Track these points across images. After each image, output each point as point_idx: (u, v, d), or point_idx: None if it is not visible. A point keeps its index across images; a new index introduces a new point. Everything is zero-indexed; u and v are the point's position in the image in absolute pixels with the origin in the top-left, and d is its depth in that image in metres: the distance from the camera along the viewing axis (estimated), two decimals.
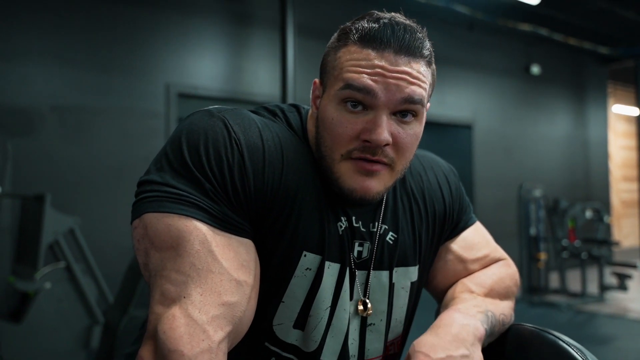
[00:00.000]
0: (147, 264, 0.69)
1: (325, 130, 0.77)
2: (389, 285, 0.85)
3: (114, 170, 4.06)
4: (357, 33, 0.75)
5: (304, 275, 0.78)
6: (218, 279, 0.67)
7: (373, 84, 0.73)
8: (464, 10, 5.78)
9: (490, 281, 0.92)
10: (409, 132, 0.77)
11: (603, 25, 6.90)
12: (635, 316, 4.93)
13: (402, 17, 0.78)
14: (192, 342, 0.63)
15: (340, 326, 0.81)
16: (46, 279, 2.91)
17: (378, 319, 0.85)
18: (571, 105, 8.00)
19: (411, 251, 0.88)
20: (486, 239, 0.99)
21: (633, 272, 6.15)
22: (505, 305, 0.90)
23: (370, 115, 0.74)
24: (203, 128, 0.73)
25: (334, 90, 0.76)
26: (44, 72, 3.84)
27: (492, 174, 6.79)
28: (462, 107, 6.57)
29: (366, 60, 0.73)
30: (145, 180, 0.72)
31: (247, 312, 0.70)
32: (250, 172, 0.72)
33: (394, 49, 0.73)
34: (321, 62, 0.82)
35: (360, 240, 0.83)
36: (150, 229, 0.68)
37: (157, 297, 0.67)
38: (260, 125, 0.77)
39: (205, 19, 4.62)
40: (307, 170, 0.79)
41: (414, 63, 0.75)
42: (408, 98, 0.74)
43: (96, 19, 4.07)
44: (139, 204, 0.71)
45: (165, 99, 4.34)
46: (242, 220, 0.73)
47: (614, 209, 8.74)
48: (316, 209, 0.78)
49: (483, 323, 0.81)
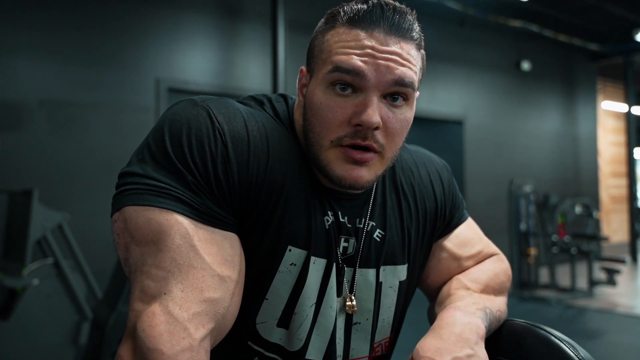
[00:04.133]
0: (127, 259, 0.67)
1: (314, 116, 0.74)
2: (376, 284, 0.83)
3: (103, 165, 4.02)
4: (345, 15, 0.73)
5: (288, 270, 0.75)
6: (200, 274, 0.64)
7: (362, 64, 0.70)
8: (455, 6, 5.79)
9: (485, 277, 0.90)
10: (400, 116, 0.74)
11: (592, 21, 6.94)
12: (623, 311, 4.98)
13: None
14: (172, 340, 0.60)
15: (326, 324, 0.79)
16: (34, 275, 2.88)
17: (364, 318, 0.82)
18: (561, 102, 8.05)
19: (399, 249, 0.86)
20: (479, 235, 0.98)
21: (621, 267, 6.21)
22: (500, 301, 0.90)
23: (360, 97, 0.72)
24: (186, 118, 0.71)
25: (322, 74, 0.73)
26: (32, 66, 3.79)
27: (483, 169, 6.82)
28: (452, 103, 6.58)
29: (355, 40, 0.71)
30: (126, 172, 0.70)
31: (231, 309, 0.68)
32: (235, 163, 0.70)
33: (383, 29, 0.71)
34: (308, 48, 0.79)
35: (346, 236, 0.80)
36: (130, 222, 0.66)
37: (136, 294, 0.64)
38: (245, 115, 0.74)
39: (196, 13, 4.58)
40: (294, 162, 0.76)
41: (404, 44, 0.72)
42: (399, 80, 0.71)
43: (86, 13, 4.02)
44: (119, 196, 0.68)
45: (156, 94, 4.30)
46: (225, 213, 0.70)
47: (602, 204, 8.81)
48: (303, 202, 0.76)
49: (483, 320, 0.80)
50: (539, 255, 5.83)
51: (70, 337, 2.98)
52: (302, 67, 0.81)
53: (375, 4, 0.72)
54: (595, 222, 6.47)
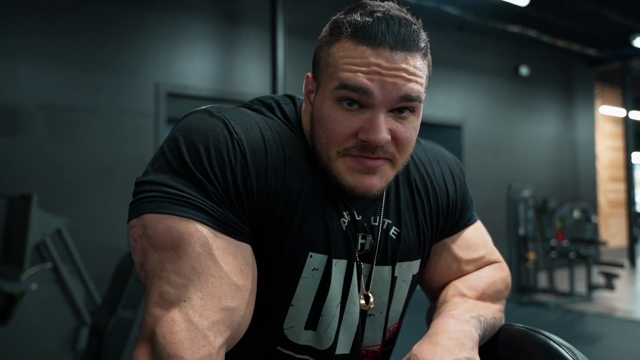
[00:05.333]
0: (144, 264, 0.67)
1: (321, 127, 0.75)
2: (391, 279, 0.85)
3: (102, 169, 4.02)
4: (350, 27, 0.72)
5: (311, 276, 0.77)
6: (218, 283, 0.66)
7: (369, 83, 0.70)
8: (454, 11, 5.81)
9: (482, 284, 0.91)
10: (408, 126, 0.75)
11: (591, 27, 6.97)
12: (622, 315, 4.98)
13: (395, 7, 0.75)
14: (193, 348, 0.61)
15: (352, 320, 0.81)
16: (32, 280, 2.88)
17: (378, 311, 0.85)
18: (559, 107, 8.07)
19: (415, 245, 0.87)
20: (484, 240, 0.98)
21: (620, 271, 6.21)
22: (496, 308, 0.90)
23: (367, 113, 0.72)
24: (203, 128, 0.71)
25: (329, 89, 0.73)
26: (32, 71, 3.79)
27: (482, 174, 6.82)
28: (451, 108, 6.59)
29: (361, 58, 0.70)
30: (143, 180, 0.70)
31: (245, 317, 0.69)
32: (254, 174, 0.71)
33: (389, 45, 0.70)
34: (314, 56, 0.79)
35: (363, 233, 0.82)
36: (149, 229, 0.67)
37: (154, 299, 0.65)
38: (261, 125, 0.75)
39: (195, 18, 4.60)
40: (308, 169, 0.77)
41: (410, 58, 0.72)
42: (405, 96, 0.72)
43: (86, 18, 4.03)
44: (137, 203, 0.69)
45: (155, 99, 4.31)
46: (242, 224, 0.71)
47: (601, 209, 8.82)
48: (319, 207, 0.77)
49: (477, 329, 0.80)
50: (538, 260, 5.83)
51: (69, 342, 2.97)
52: (308, 74, 0.81)
53: (380, 17, 0.71)
54: (594, 226, 6.48)
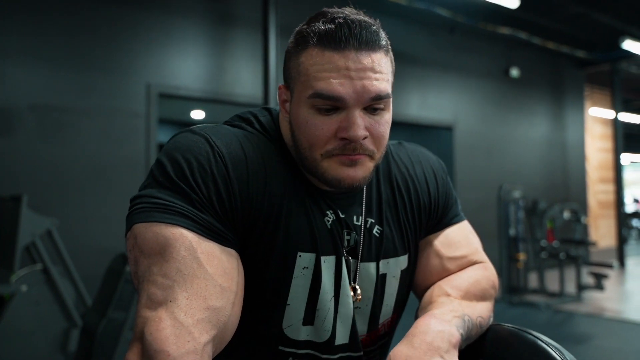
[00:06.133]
0: (137, 272, 0.72)
1: (302, 133, 0.79)
2: (376, 275, 0.88)
3: (92, 170, 4.00)
4: (315, 36, 0.77)
5: (302, 274, 0.81)
6: (203, 284, 0.69)
7: (341, 89, 0.75)
8: (445, 13, 5.84)
9: (466, 284, 0.92)
10: (381, 121, 0.80)
11: (580, 29, 7.02)
12: (611, 315, 5.02)
13: (353, 11, 0.80)
14: (178, 343, 0.64)
15: (346, 312, 0.85)
16: (22, 282, 2.86)
17: (364, 304, 0.88)
18: (549, 108, 8.12)
19: (399, 241, 0.91)
20: (468, 240, 0.99)
21: (609, 272, 6.27)
22: (482, 307, 0.90)
23: (343, 114, 0.77)
24: (186, 145, 0.77)
25: (304, 97, 0.78)
26: (22, 71, 3.77)
27: (473, 175, 6.85)
28: (443, 109, 6.62)
29: (329, 63, 0.75)
30: (134, 196, 0.76)
31: (232, 318, 0.72)
32: (236, 183, 0.76)
33: (354, 47, 0.75)
34: (283, 67, 0.84)
35: (348, 230, 0.86)
36: (139, 237, 0.72)
37: (143, 301, 0.69)
38: (240, 139, 0.81)
39: (187, 19, 4.59)
40: (288, 174, 0.82)
41: (374, 55, 0.77)
42: (375, 96, 0.77)
43: (77, 18, 4.01)
44: (129, 217, 0.74)
45: (147, 99, 4.29)
46: (227, 230, 0.75)
47: (590, 209, 8.89)
48: (302, 209, 0.82)
49: (459, 328, 0.81)
50: (528, 261, 5.86)
51: (59, 344, 2.95)
52: (280, 85, 0.86)
53: (342, 23, 0.76)
54: (584, 227, 6.53)
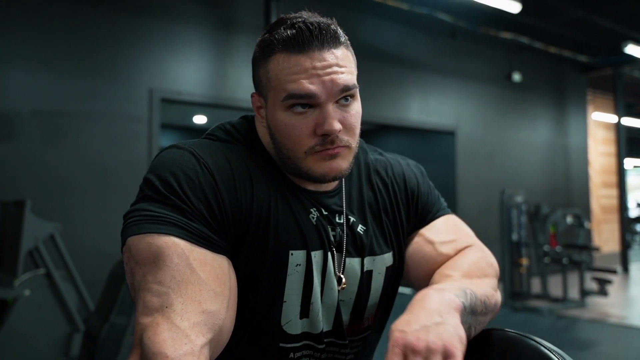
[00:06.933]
0: (133, 283, 0.74)
1: (282, 135, 0.84)
2: (361, 271, 0.93)
3: (95, 175, 4.01)
4: (279, 43, 0.82)
5: (296, 271, 0.85)
6: (197, 289, 0.72)
7: (312, 87, 0.80)
8: (447, 18, 5.85)
9: (466, 265, 0.94)
10: (352, 112, 0.85)
11: (582, 34, 7.03)
12: (615, 321, 5.00)
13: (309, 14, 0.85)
14: (175, 345, 0.66)
15: (331, 302, 0.90)
16: (25, 286, 2.87)
17: (348, 297, 0.93)
18: (552, 113, 8.12)
19: (382, 240, 0.96)
20: (457, 227, 1.03)
21: (613, 277, 6.25)
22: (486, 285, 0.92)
23: (317, 111, 0.82)
24: (172, 159, 0.80)
25: (278, 101, 0.83)
26: (25, 76, 3.79)
27: (475, 180, 6.85)
28: (445, 114, 6.62)
29: (297, 65, 0.81)
30: (126, 212, 0.79)
31: (227, 321, 0.75)
32: (224, 191, 0.80)
33: (317, 47, 0.81)
34: (253, 76, 0.91)
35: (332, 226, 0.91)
36: (133, 249, 0.74)
37: (140, 309, 0.71)
38: (224, 150, 0.85)
39: (189, 24, 4.60)
40: (272, 178, 0.87)
41: (336, 51, 0.82)
42: (344, 88, 0.82)
43: (79, 24, 4.03)
44: (123, 232, 0.77)
45: (149, 104, 4.31)
46: (218, 238, 0.78)
47: (593, 214, 8.88)
48: (288, 209, 0.86)
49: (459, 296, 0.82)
50: (531, 266, 5.85)
51: (62, 348, 2.95)
52: (253, 93, 0.92)
53: (301, 27, 0.81)
54: (587, 232, 6.51)
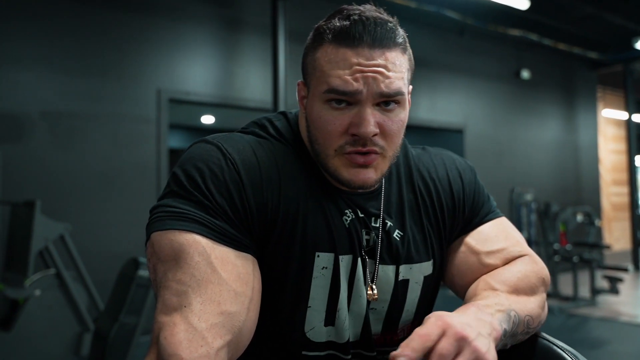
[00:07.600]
0: (155, 279, 0.74)
1: (316, 128, 0.81)
2: (395, 279, 0.87)
3: (104, 176, 4.03)
4: (330, 33, 0.78)
5: (322, 275, 0.82)
6: (217, 289, 0.70)
7: (354, 83, 0.76)
8: (455, 15, 5.82)
9: (514, 279, 0.86)
10: (394, 119, 0.80)
11: (592, 30, 6.97)
12: (626, 319, 4.96)
13: (372, 8, 0.80)
14: (191, 347, 0.65)
15: (358, 311, 0.85)
16: (36, 286, 2.88)
17: (380, 305, 0.87)
18: (561, 110, 8.06)
19: (422, 247, 0.90)
20: (506, 233, 0.95)
21: (624, 275, 6.19)
22: (532, 304, 0.84)
23: (355, 110, 0.78)
24: (199, 154, 0.78)
25: (318, 92, 0.79)
26: (34, 78, 3.81)
27: (484, 178, 6.68)
28: (453, 112, 6.59)
29: (343, 60, 0.76)
30: (152, 207, 0.78)
31: (247, 323, 0.72)
32: (249, 188, 0.77)
33: (367, 44, 0.76)
34: (302, 63, 0.85)
35: (367, 230, 0.86)
36: (156, 245, 0.74)
37: (159, 307, 0.70)
38: (253, 145, 0.82)
39: (196, 24, 4.61)
40: (304, 176, 0.83)
41: (388, 53, 0.77)
42: (386, 93, 0.77)
43: (87, 25, 4.05)
44: (148, 227, 0.76)
45: (157, 105, 4.32)
46: (241, 235, 0.76)
47: (604, 212, 8.80)
48: (319, 209, 0.82)
49: (502, 322, 0.75)
50: None
51: (72, 348, 2.97)
52: (299, 81, 0.87)
53: (357, 20, 0.76)
54: (597, 230, 6.46)
